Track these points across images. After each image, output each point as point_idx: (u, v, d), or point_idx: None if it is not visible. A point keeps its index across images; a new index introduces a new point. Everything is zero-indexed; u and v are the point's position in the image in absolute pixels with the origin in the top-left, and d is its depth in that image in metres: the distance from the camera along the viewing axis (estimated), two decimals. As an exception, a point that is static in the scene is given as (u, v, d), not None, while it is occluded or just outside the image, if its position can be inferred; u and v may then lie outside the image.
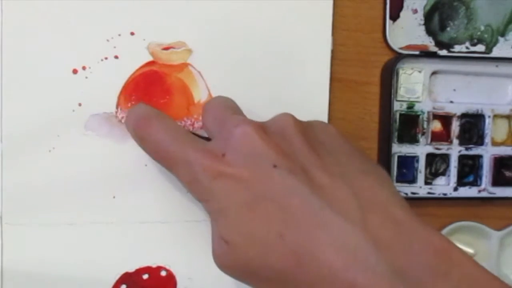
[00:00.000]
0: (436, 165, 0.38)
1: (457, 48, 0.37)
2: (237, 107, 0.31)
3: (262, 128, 0.27)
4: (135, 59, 0.32)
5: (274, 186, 0.25)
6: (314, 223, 0.25)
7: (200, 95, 0.33)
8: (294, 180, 0.26)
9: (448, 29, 0.37)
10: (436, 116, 0.37)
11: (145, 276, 0.33)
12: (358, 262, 0.24)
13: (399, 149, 0.37)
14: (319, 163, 0.27)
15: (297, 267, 0.24)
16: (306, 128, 0.29)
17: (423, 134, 0.37)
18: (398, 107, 0.36)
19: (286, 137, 0.28)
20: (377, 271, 0.23)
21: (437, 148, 0.37)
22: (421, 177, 0.37)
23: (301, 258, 0.24)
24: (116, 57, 0.32)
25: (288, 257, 0.24)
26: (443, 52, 0.37)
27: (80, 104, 0.32)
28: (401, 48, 0.36)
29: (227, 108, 0.30)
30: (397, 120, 0.36)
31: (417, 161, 0.37)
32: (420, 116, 0.37)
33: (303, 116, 0.30)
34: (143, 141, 0.29)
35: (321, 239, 0.24)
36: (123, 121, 0.32)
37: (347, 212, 0.25)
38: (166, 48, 0.33)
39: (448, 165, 0.37)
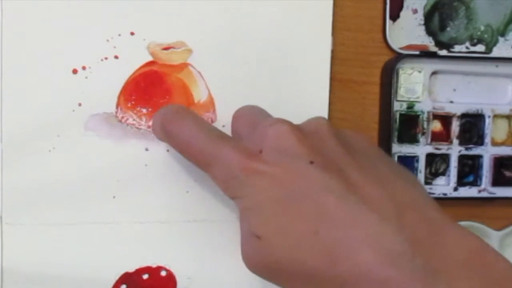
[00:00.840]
0: (436, 165, 0.38)
1: (457, 48, 0.37)
2: (267, 112, 0.31)
3: (297, 128, 0.28)
4: (135, 59, 0.32)
5: (310, 183, 0.26)
6: (349, 220, 0.25)
7: (200, 95, 0.33)
8: (330, 177, 0.26)
9: (448, 29, 0.37)
10: (436, 116, 0.37)
11: (145, 276, 0.33)
12: (393, 259, 0.24)
13: (399, 149, 0.37)
14: (353, 163, 0.27)
15: (330, 264, 0.24)
16: (339, 132, 0.29)
17: (423, 134, 0.37)
18: (398, 107, 0.36)
19: (321, 138, 0.28)
20: (412, 268, 0.23)
21: (437, 148, 0.37)
22: (421, 177, 0.37)
23: (335, 255, 0.24)
24: (116, 57, 0.32)
25: (321, 253, 0.24)
26: (443, 52, 0.37)
27: (80, 104, 0.32)
28: (401, 48, 0.36)
29: (260, 111, 0.31)
30: (397, 120, 0.36)
31: (417, 161, 0.37)
32: (420, 116, 0.37)
33: (303, 116, 0.30)
34: (173, 136, 0.29)
35: (356, 236, 0.24)
36: (123, 121, 0.33)
37: (382, 211, 0.25)
38: (166, 48, 0.33)
39: (448, 165, 0.37)
